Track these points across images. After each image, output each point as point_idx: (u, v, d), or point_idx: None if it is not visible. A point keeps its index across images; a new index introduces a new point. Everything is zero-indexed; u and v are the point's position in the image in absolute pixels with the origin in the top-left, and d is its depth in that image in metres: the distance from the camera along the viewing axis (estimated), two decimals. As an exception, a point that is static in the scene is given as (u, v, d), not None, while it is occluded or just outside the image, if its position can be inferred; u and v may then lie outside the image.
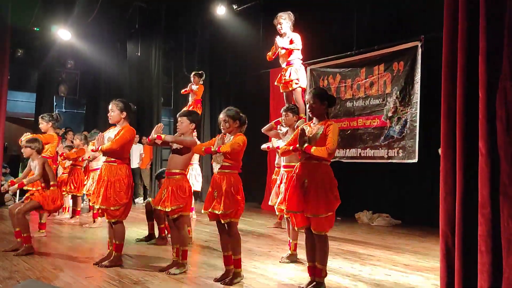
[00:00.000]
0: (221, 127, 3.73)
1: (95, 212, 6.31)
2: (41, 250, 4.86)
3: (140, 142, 10.03)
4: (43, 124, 6.14)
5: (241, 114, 3.77)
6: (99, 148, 4.13)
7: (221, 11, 9.26)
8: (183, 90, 7.80)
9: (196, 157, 6.88)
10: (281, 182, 4.43)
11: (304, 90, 4.83)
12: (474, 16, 1.89)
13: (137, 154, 9.94)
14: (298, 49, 4.75)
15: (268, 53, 5.02)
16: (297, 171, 3.35)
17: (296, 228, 3.50)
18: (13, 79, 9.56)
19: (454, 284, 1.93)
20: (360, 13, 8.17)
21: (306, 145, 3.23)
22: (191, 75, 7.57)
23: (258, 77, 9.95)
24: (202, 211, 3.74)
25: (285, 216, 4.34)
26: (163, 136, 3.97)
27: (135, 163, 9.94)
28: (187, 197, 3.94)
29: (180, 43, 10.63)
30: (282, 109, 4.49)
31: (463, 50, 1.94)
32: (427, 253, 5.05)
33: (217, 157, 3.60)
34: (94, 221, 6.69)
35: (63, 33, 9.26)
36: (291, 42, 4.74)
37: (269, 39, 9.42)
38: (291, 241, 4.50)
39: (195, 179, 6.86)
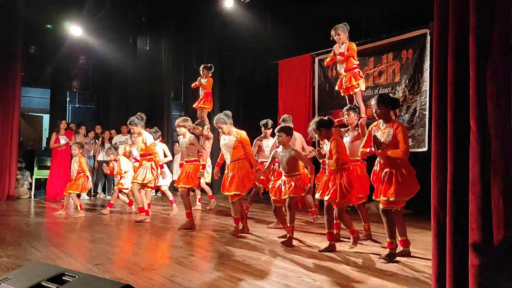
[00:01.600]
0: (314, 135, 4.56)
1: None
2: (56, 240, 4.99)
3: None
4: (136, 128, 6.24)
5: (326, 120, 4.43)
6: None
7: (229, 3, 9.27)
8: (193, 84, 7.84)
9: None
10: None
11: (363, 92, 5.55)
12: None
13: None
14: (355, 57, 5.31)
15: (326, 59, 5.65)
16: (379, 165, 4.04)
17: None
18: (26, 75, 9.76)
19: (446, 262, 1.93)
20: (368, 1, 8.08)
21: (381, 149, 3.84)
22: (200, 68, 7.58)
23: (267, 69, 9.96)
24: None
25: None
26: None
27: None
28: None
29: (189, 37, 10.68)
30: (344, 109, 5.06)
31: (453, 26, 1.93)
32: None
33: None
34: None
35: (75, 29, 9.40)
36: (348, 49, 5.25)
37: (277, 30, 9.50)
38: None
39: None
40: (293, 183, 4.73)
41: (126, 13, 9.76)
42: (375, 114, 3.96)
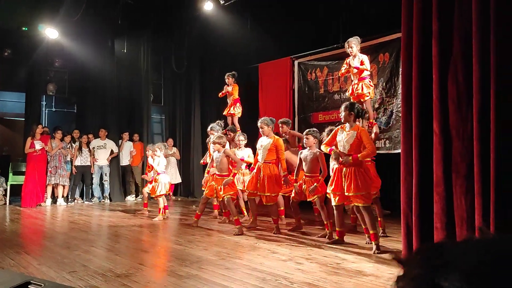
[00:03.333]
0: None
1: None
2: (30, 247, 4.88)
3: (130, 139, 10.05)
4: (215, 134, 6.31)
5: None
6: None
7: (208, 6, 9.25)
8: (220, 94, 7.91)
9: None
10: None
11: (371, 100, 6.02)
12: (427, -2, 1.92)
13: (127, 151, 9.95)
14: (368, 69, 5.70)
15: (341, 71, 5.99)
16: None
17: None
18: (1, 79, 9.55)
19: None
20: (345, 5, 8.18)
21: (350, 159, 4.36)
22: (225, 77, 7.67)
23: (247, 72, 9.97)
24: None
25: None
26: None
27: (125, 161, 9.96)
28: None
29: (168, 40, 10.62)
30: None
31: (417, 32, 1.96)
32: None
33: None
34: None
35: (51, 32, 9.23)
36: (362, 63, 5.62)
37: (257, 33, 9.52)
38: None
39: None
40: (315, 184, 5.21)
41: (103, 15, 9.64)
42: (341, 117, 4.59)
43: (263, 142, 5.75)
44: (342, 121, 4.72)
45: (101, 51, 9.84)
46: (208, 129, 7.06)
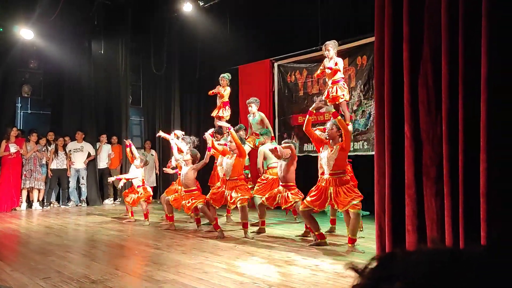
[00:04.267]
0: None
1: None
2: (3, 253, 4.75)
3: (108, 142, 9.90)
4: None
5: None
6: None
7: (187, 8, 9.20)
8: (210, 92, 7.80)
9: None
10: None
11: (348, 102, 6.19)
12: (398, 2, 1.95)
13: (105, 154, 9.80)
14: (341, 71, 5.74)
15: (317, 72, 6.05)
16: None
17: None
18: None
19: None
20: (325, 8, 8.26)
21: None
22: (220, 78, 7.58)
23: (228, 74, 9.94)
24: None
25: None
26: None
27: (103, 164, 9.80)
28: None
29: (147, 41, 10.51)
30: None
31: (389, 36, 1.99)
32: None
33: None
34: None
35: (26, 33, 9.03)
36: (336, 64, 5.66)
37: (236, 35, 9.52)
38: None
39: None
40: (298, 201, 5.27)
41: (80, 15, 9.48)
42: (327, 134, 4.76)
43: (227, 159, 5.78)
44: (328, 137, 4.79)
45: (78, 52, 9.67)
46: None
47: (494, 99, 1.78)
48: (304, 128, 4.95)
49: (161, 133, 7.13)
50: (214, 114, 7.80)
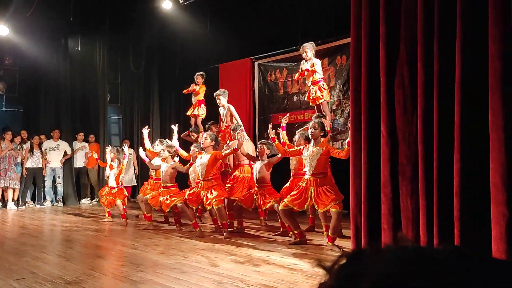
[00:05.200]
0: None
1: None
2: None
3: (85, 140, 9.72)
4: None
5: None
6: None
7: (167, 4, 9.10)
8: (185, 90, 7.71)
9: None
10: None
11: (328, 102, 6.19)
12: (375, 3, 1.96)
13: (82, 153, 9.61)
14: (318, 72, 5.78)
15: (296, 74, 6.18)
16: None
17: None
18: None
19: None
20: (304, 8, 8.29)
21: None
22: (195, 76, 7.53)
23: (207, 72, 9.87)
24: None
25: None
26: None
27: (80, 163, 9.62)
28: None
29: (125, 38, 10.35)
30: (313, 116, 5.60)
31: (366, 36, 2.01)
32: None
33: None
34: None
35: (1, 28, 8.78)
36: (312, 65, 5.72)
37: (217, 33, 9.47)
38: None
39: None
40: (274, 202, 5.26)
41: (56, 11, 9.26)
42: (310, 134, 4.67)
43: (202, 159, 5.58)
44: (311, 136, 4.77)
45: (54, 48, 9.45)
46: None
47: (467, 100, 1.81)
48: (283, 154, 5.13)
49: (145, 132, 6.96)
50: (189, 112, 7.75)
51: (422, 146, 1.83)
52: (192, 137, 7.12)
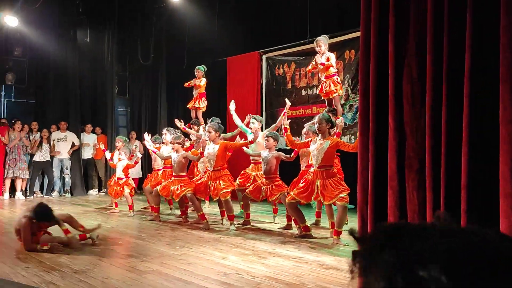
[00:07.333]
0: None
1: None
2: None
3: (93, 132, 9.79)
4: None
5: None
6: None
7: (175, -3, 9.10)
8: (186, 84, 7.71)
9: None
10: None
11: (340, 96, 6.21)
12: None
13: (91, 144, 9.68)
14: (333, 66, 5.79)
15: (308, 67, 6.12)
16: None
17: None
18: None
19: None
20: (313, 0, 8.23)
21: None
22: (195, 69, 7.52)
23: (215, 65, 9.88)
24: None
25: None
26: None
27: (88, 154, 9.69)
28: None
29: (134, 31, 10.37)
30: (325, 110, 5.59)
31: (375, 27, 1.99)
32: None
33: None
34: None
35: (10, 19, 8.83)
36: (328, 59, 5.71)
37: (225, 26, 9.45)
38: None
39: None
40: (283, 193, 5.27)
41: (65, 3, 9.30)
42: (317, 129, 4.69)
43: (210, 149, 5.59)
44: (318, 131, 4.76)
45: (63, 40, 9.50)
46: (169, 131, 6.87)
47: (477, 92, 1.80)
48: (292, 146, 5.13)
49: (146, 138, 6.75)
50: (190, 105, 7.78)
51: (430, 139, 1.82)
52: (194, 129, 7.16)
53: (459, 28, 1.81)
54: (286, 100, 5.29)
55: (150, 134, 6.88)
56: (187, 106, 7.88)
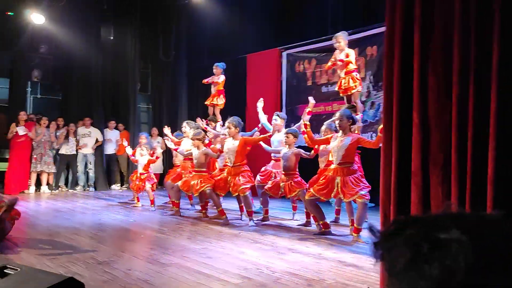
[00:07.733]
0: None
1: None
2: (11, 234, 4.82)
3: (116, 128, 9.95)
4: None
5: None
6: None
7: (197, -6, 9.16)
8: (205, 80, 7.76)
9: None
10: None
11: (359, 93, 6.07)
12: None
13: (114, 140, 9.86)
14: (352, 62, 5.72)
15: (328, 64, 6.07)
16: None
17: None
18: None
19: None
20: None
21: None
22: (214, 66, 7.54)
23: (235, 62, 9.90)
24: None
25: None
26: None
27: (111, 149, 9.87)
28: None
29: (156, 28, 10.48)
30: (345, 107, 5.46)
31: (401, 18, 1.96)
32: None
33: None
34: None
35: (37, 17, 9.05)
36: (347, 56, 5.64)
37: (245, 23, 9.46)
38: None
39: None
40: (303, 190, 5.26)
41: (90, 1, 9.47)
42: (337, 125, 4.67)
43: (229, 145, 5.64)
44: (338, 128, 4.73)
45: (87, 37, 9.68)
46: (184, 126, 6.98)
47: (504, 88, 1.75)
48: (311, 143, 5.06)
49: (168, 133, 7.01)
50: (208, 102, 7.80)
51: (456, 133, 1.78)
52: (211, 126, 7.20)
53: (486, 21, 1.77)
54: (310, 98, 5.19)
55: (170, 130, 6.97)
56: (205, 103, 7.91)
